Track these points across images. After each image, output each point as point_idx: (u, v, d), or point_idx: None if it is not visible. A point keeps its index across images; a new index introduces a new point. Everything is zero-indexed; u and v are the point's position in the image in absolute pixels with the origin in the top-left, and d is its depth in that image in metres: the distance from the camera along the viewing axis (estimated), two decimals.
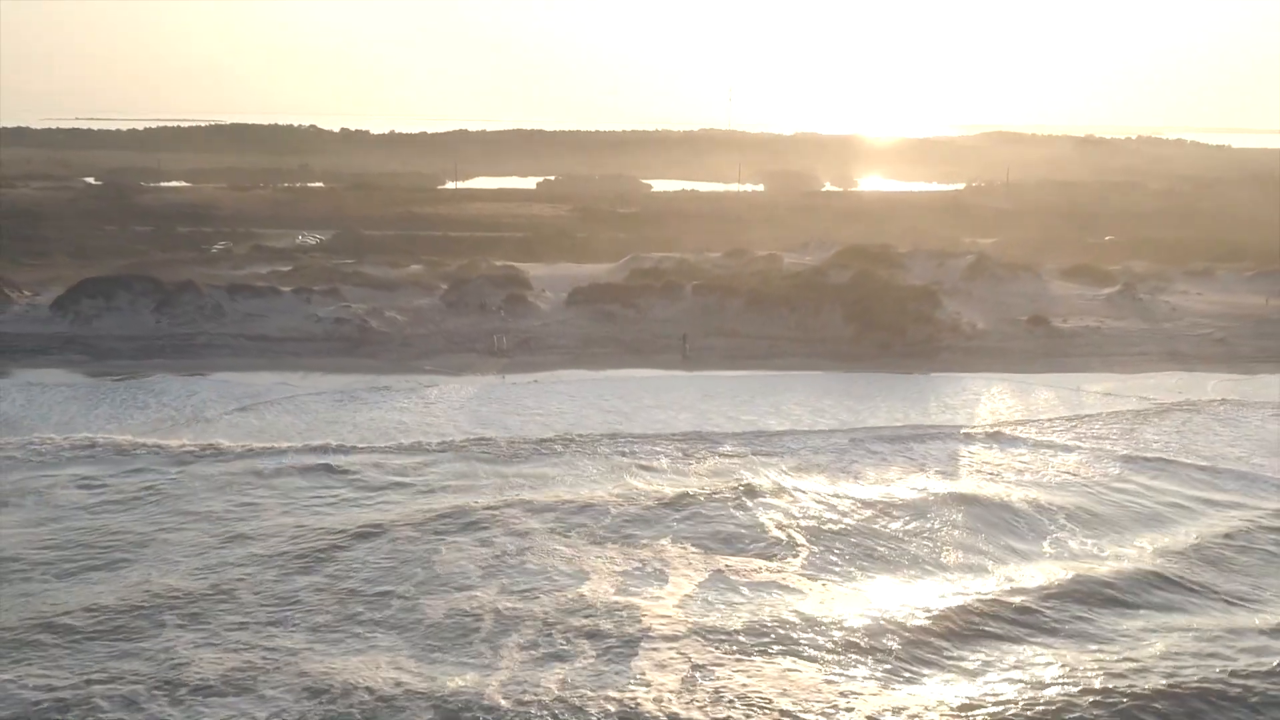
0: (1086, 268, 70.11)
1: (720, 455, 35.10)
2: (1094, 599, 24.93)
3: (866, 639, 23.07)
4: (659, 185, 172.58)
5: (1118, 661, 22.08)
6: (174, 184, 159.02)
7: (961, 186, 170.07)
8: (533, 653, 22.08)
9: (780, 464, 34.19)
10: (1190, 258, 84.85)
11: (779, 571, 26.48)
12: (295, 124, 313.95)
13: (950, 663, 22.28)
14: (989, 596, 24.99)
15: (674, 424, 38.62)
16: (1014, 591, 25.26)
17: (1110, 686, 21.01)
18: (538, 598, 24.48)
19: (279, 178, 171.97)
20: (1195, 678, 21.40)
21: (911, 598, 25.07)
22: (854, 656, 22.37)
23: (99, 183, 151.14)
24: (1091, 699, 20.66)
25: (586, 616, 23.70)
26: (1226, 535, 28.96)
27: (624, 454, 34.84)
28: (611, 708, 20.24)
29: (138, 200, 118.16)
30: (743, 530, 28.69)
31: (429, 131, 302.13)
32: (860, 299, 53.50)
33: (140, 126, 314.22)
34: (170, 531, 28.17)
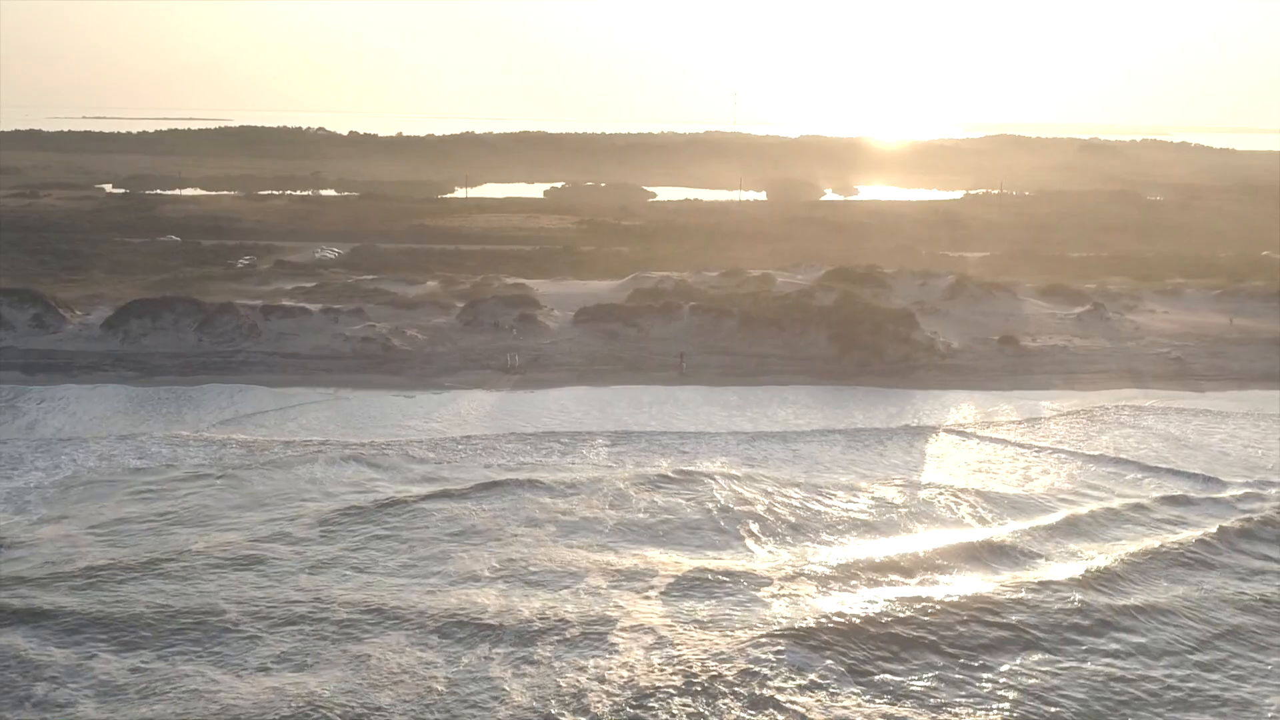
0: (1061, 287, 74.42)
1: (692, 450, 41.99)
2: (970, 557, 31.91)
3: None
4: (663, 193, 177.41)
5: (946, 598, 28.78)
6: (191, 192, 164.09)
7: (960, 195, 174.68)
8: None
9: (739, 455, 41.37)
10: (1167, 273, 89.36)
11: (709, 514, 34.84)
12: (304, 126, 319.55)
13: (837, 588, 29.69)
14: (887, 552, 32.15)
15: (660, 427, 45.21)
16: (909, 550, 32.26)
17: (929, 617, 27.77)
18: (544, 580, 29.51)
19: (292, 184, 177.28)
20: (1002, 611, 28.17)
21: (828, 549, 32.35)
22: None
23: (119, 191, 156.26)
24: (915, 616, 27.78)
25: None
26: (1106, 512, 35.87)
27: (616, 448, 41.99)
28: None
29: (160, 211, 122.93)
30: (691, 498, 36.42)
31: (436, 134, 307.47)
32: (843, 320, 58.02)
33: (150, 129, 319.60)
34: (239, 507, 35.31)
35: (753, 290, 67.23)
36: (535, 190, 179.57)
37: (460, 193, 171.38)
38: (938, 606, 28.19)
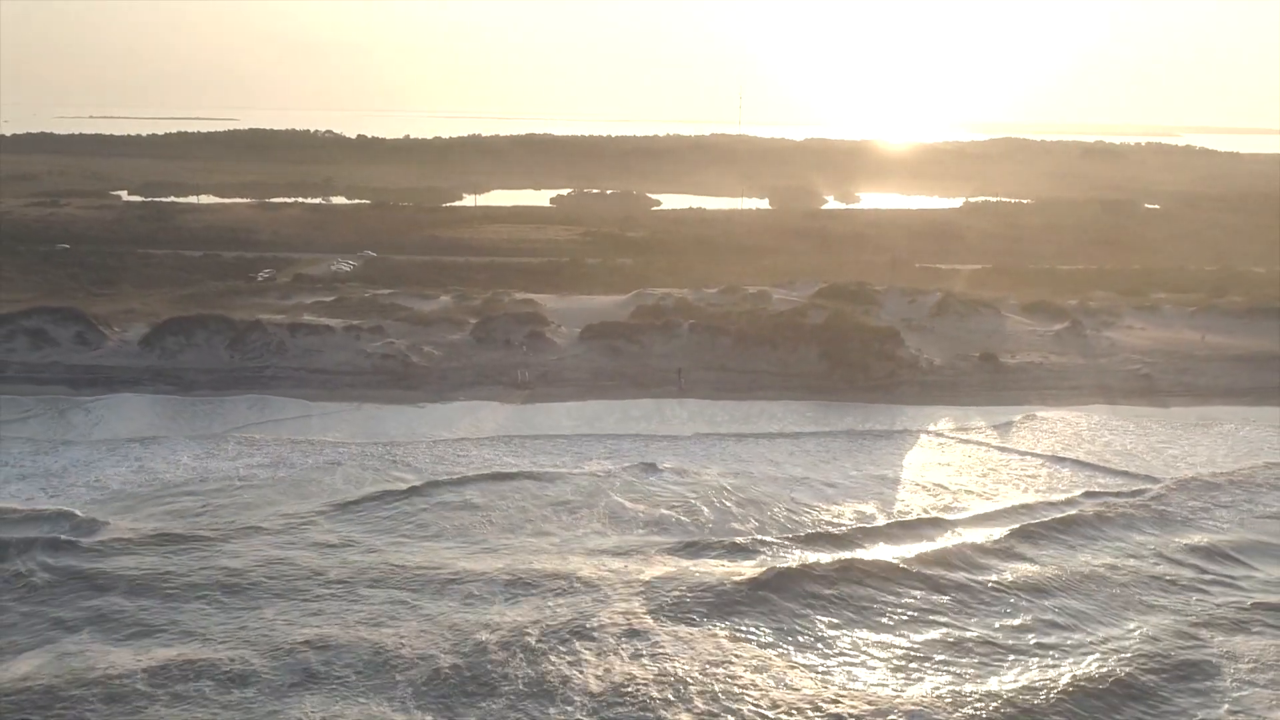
0: (1043, 304, 77.99)
1: (681, 451, 47.79)
2: (906, 531, 39.26)
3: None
4: (666, 200, 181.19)
5: (871, 559, 36.44)
6: (207, 199, 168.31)
7: (960, 203, 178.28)
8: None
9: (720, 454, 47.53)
10: (1150, 287, 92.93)
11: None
12: (313, 130, 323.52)
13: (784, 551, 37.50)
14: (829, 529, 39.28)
15: (648, 431, 51.02)
16: (861, 525, 39.46)
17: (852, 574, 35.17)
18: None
19: (304, 191, 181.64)
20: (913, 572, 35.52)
21: (783, 524, 39.60)
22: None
23: (137, 199, 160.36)
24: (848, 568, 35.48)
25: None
26: (1042, 503, 42.07)
27: (610, 446, 48.14)
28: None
29: (179, 221, 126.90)
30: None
31: (443, 136, 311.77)
32: (832, 338, 61.83)
33: (159, 130, 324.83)
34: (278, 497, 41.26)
35: (749, 308, 70.98)
36: (541, 197, 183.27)
37: (468, 199, 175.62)
38: (866, 566, 35.65)
